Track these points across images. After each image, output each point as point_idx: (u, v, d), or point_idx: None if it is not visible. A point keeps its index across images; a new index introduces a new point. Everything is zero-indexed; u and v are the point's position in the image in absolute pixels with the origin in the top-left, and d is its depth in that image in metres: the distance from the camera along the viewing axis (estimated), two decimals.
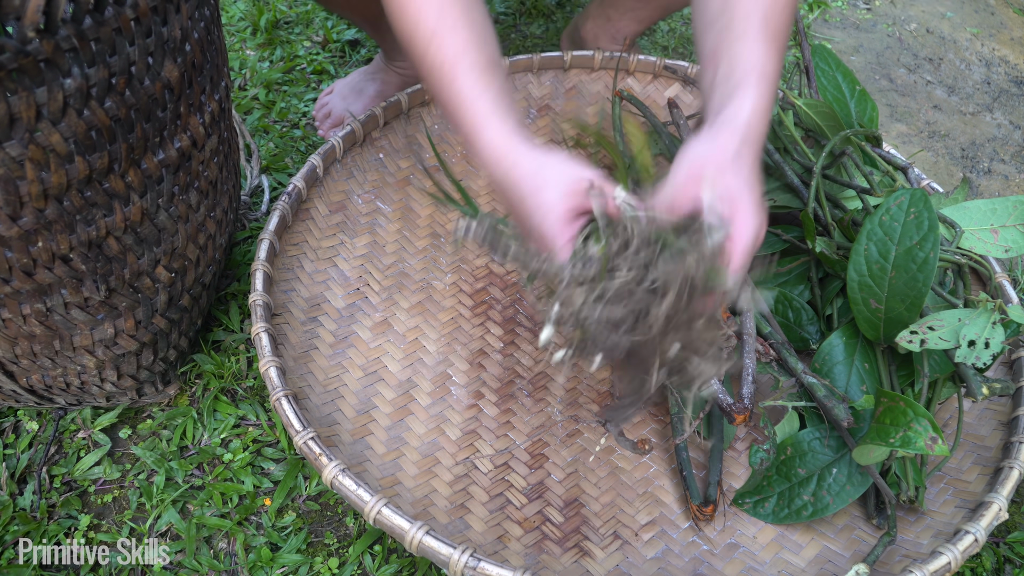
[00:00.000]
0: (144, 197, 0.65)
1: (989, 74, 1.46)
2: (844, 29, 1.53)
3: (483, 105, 0.60)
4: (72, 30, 0.51)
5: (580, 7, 1.46)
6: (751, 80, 0.57)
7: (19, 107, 0.51)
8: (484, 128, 0.60)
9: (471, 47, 0.61)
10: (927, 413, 0.63)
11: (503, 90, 0.61)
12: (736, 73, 0.58)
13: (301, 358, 0.78)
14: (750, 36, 0.59)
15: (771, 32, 0.60)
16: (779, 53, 0.61)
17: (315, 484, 0.79)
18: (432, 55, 0.62)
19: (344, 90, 1.16)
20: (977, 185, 1.24)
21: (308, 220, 0.88)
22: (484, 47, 0.61)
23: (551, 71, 1.10)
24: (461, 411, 0.81)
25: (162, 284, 0.72)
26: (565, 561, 0.71)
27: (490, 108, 0.60)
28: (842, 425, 0.70)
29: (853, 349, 0.76)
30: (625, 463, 0.79)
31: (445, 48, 0.61)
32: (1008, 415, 0.76)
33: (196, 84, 0.67)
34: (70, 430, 0.81)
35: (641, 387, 0.55)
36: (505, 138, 0.59)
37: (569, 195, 0.56)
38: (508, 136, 0.59)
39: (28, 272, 0.60)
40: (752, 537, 0.73)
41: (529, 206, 0.57)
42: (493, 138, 0.59)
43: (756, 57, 0.58)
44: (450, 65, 0.61)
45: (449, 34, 0.61)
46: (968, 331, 0.67)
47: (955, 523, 0.69)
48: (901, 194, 0.72)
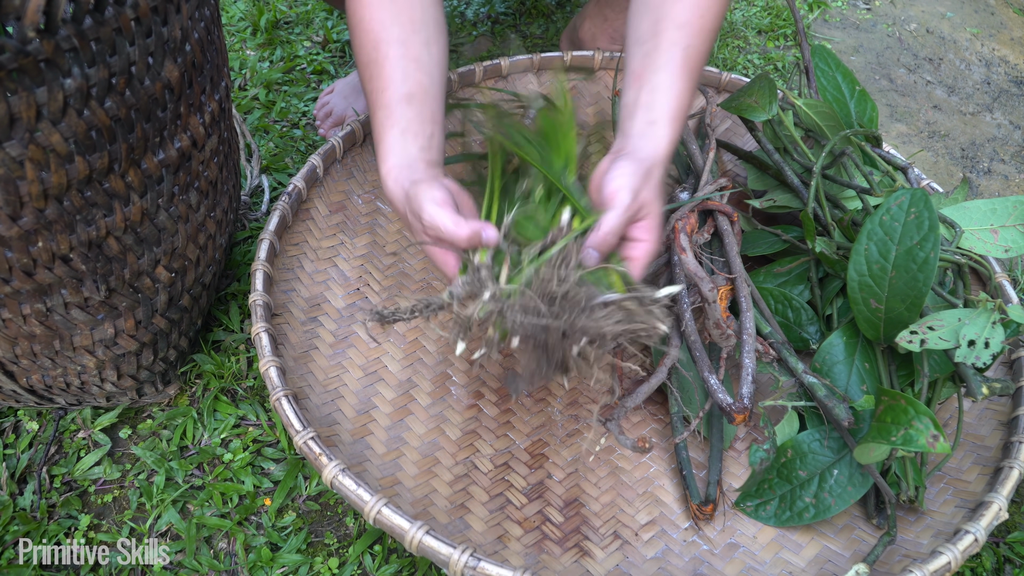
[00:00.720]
0: (144, 197, 0.65)
1: (989, 74, 1.46)
2: (844, 29, 1.53)
3: (389, 138, 0.69)
4: (72, 30, 0.51)
5: (579, 7, 1.46)
6: (667, 120, 0.67)
7: (19, 107, 0.51)
8: (384, 159, 0.68)
9: (395, 80, 0.69)
10: (928, 411, 0.63)
11: (413, 121, 0.69)
12: (655, 110, 0.67)
13: (301, 358, 0.78)
14: (671, 70, 0.68)
15: (690, 68, 0.68)
16: (694, 85, 0.70)
17: (315, 484, 0.79)
18: (365, 79, 0.72)
19: (345, 89, 1.16)
20: (977, 185, 1.24)
21: (308, 220, 0.89)
22: (407, 79, 0.69)
23: (551, 71, 1.10)
24: (461, 411, 0.81)
25: (162, 284, 0.72)
26: (565, 561, 0.71)
27: (392, 141, 0.68)
28: (842, 425, 0.70)
29: (853, 349, 0.76)
30: (625, 463, 0.79)
31: (375, 78, 0.70)
32: (1008, 415, 0.76)
33: (196, 84, 0.67)
34: (70, 430, 0.81)
35: (539, 368, 0.62)
36: (398, 169, 0.67)
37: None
38: (401, 167, 0.67)
39: (28, 272, 0.60)
40: (752, 537, 0.73)
41: (414, 229, 0.67)
42: (390, 169, 0.68)
43: (674, 96, 0.67)
44: (375, 95, 0.70)
45: (384, 63, 0.70)
46: (968, 331, 0.67)
47: (955, 523, 0.69)
48: (901, 194, 0.72)
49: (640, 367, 0.84)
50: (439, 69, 0.72)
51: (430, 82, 0.70)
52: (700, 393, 0.79)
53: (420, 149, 0.68)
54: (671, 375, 0.79)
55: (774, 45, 1.48)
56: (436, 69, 0.71)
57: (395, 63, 0.69)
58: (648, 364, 0.85)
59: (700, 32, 0.69)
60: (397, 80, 0.69)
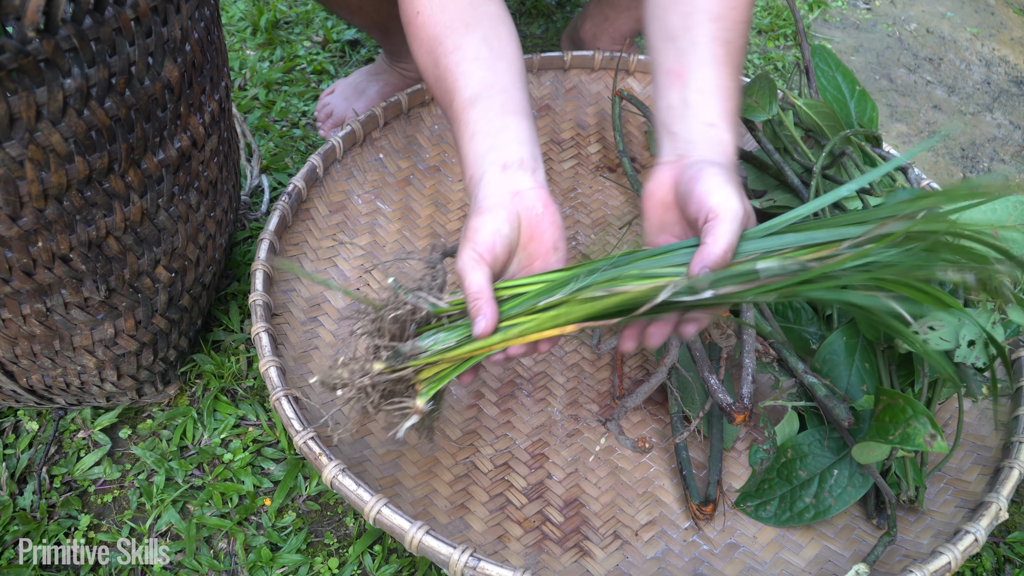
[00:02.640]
0: (144, 197, 0.65)
1: (989, 74, 1.46)
2: (844, 29, 1.53)
3: (462, 147, 0.63)
4: (72, 30, 0.51)
5: (580, 7, 1.46)
6: (725, 121, 0.61)
7: (19, 107, 0.51)
8: (463, 169, 0.63)
9: (458, 88, 0.64)
10: (926, 411, 0.63)
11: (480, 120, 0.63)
12: (710, 111, 0.60)
13: (301, 358, 0.78)
14: (715, 67, 0.62)
15: (733, 64, 0.62)
16: (740, 84, 0.63)
17: (315, 484, 0.79)
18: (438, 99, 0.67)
19: (346, 90, 1.16)
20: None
21: (308, 220, 0.89)
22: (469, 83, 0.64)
23: (551, 71, 1.10)
24: (461, 411, 0.81)
25: (162, 284, 0.72)
26: (565, 561, 0.71)
27: (465, 150, 0.63)
28: (843, 425, 0.70)
29: (853, 349, 0.76)
30: (625, 463, 0.79)
31: (445, 93, 0.65)
32: (1008, 415, 0.76)
33: (196, 84, 0.67)
34: (70, 430, 0.81)
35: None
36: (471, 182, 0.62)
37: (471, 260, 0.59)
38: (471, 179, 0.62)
39: (28, 272, 0.60)
40: (752, 537, 0.73)
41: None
42: (466, 182, 0.63)
43: (726, 95, 0.61)
44: (448, 111, 0.65)
45: (446, 75, 0.65)
46: (968, 331, 0.67)
47: (955, 523, 0.69)
48: (901, 194, 0.72)
49: (640, 367, 0.84)
50: (504, 61, 0.65)
51: (494, 77, 0.64)
52: (700, 393, 0.79)
53: (489, 149, 0.61)
54: (671, 375, 0.79)
55: (774, 45, 1.48)
56: (501, 62, 0.65)
57: (454, 71, 0.64)
58: (648, 364, 0.85)
59: (735, 25, 0.64)
60: (460, 87, 0.64)
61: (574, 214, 1.01)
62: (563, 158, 1.07)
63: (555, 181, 1.04)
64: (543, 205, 0.60)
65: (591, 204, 1.02)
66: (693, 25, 0.63)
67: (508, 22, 0.68)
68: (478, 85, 0.63)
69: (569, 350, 0.88)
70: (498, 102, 0.62)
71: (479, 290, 0.57)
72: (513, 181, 0.60)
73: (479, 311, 0.57)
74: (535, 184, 0.60)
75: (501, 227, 0.58)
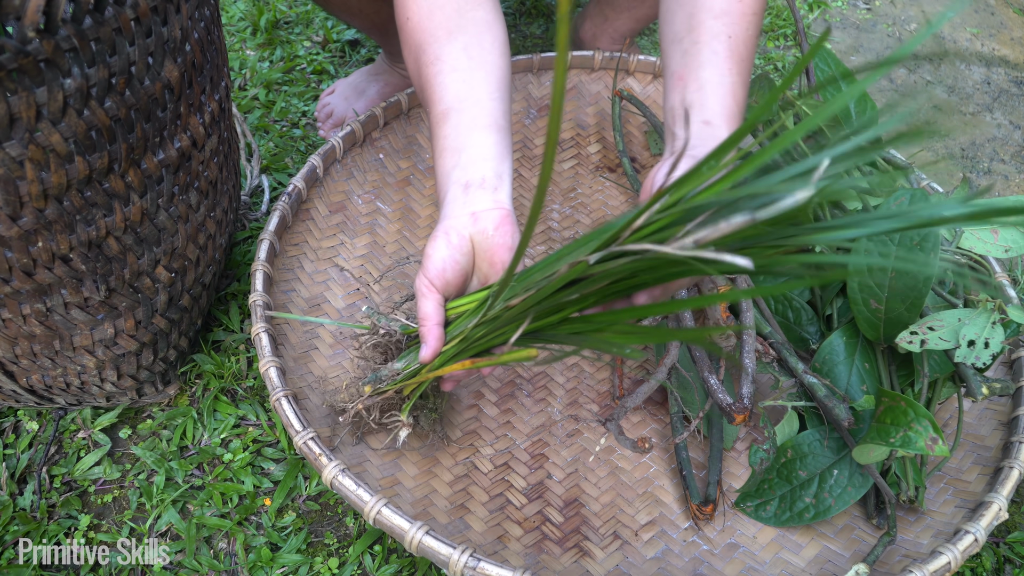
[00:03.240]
0: (144, 197, 0.65)
1: (989, 74, 1.46)
2: (844, 29, 1.53)
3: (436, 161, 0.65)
4: (72, 30, 0.51)
5: (580, 7, 1.46)
6: (723, 118, 0.60)
7: (19, 107, 0.51)
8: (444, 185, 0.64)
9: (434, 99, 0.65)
10: (928, 413, 0.63)
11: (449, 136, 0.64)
12: (707, 108, 0.60)
13: (301, 358, 0.78)
14: (716, 64, 0.61)
15: (737, 58, 0.62)
16: (746, 78, 0.62)
17: (315, 484, 0.79)
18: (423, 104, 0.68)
19: (346, 90, 1.16)
20: (977, 185, 1.24)
21: (308, 220, 0.89)
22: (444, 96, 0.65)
23: (551, 71, 1.10)
24: (461, 411, 0.81)
25: (162, 284, 0.72)
26: (565, 561, 0.71)
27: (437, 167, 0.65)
28: (843, 425, 0.70)
29: (853, 349, 0.76)
30: (625, 463, 0.79)
31: (425, 103, 0.67)
32: (1008, 415, 0.76)
33: (196, 84, 0.67)
34: (70, 430, 0.81)
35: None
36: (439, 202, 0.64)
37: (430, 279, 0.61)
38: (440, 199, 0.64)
39: (28, 272, 0.60)
40: (752, 537, 0.73)
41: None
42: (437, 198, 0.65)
43: (726, 92, 0.60)
44: (428, 120, 0.66)
45: (425, 86, 0.66)
46: (968, 331, 0.67)
47: (955, 523, 0.69)
48: (901, 194, 0.72)
49: (640, 367, 0.84)
50: (483, 71, 0.66)
51: (468, 89, 0.64)
52: (700, 393, 0.79)
53: (454, 167, 0.63)
54: (671, 375, 0.79)
55: (774, 45, 1.48)
56: (479, 72, 0.65)
57: (432, 82, 0.65)
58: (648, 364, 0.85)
59: (742, 18, 0.62)
60: (436, 100, 0.65)
61: (574, 214, 1.01)
62: (563, 158, 1.07)
63: (555, 181, 1.04)
64: (495, 227, 0.60)
65: (591, 204, 1.02)
66: (696, 25, 0.63)
67: (496, 28, 0.68)
68: (452, 98, 0.64)
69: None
70: (469, 116, 0.63)
71: (425, 316, 0.60)
72: (472, 201, 0.61)
73: (423, 337, 0.60)
74: (493, 204, 0.61)
75: (452, 253, 0.60)
